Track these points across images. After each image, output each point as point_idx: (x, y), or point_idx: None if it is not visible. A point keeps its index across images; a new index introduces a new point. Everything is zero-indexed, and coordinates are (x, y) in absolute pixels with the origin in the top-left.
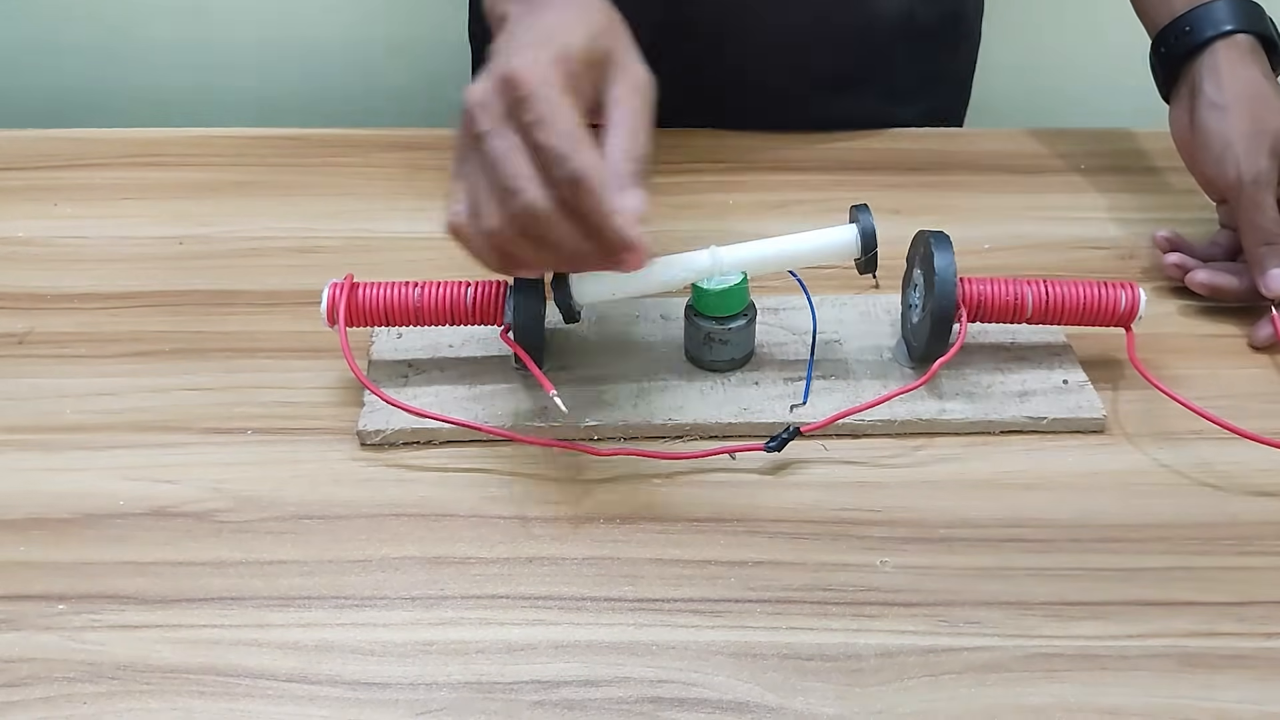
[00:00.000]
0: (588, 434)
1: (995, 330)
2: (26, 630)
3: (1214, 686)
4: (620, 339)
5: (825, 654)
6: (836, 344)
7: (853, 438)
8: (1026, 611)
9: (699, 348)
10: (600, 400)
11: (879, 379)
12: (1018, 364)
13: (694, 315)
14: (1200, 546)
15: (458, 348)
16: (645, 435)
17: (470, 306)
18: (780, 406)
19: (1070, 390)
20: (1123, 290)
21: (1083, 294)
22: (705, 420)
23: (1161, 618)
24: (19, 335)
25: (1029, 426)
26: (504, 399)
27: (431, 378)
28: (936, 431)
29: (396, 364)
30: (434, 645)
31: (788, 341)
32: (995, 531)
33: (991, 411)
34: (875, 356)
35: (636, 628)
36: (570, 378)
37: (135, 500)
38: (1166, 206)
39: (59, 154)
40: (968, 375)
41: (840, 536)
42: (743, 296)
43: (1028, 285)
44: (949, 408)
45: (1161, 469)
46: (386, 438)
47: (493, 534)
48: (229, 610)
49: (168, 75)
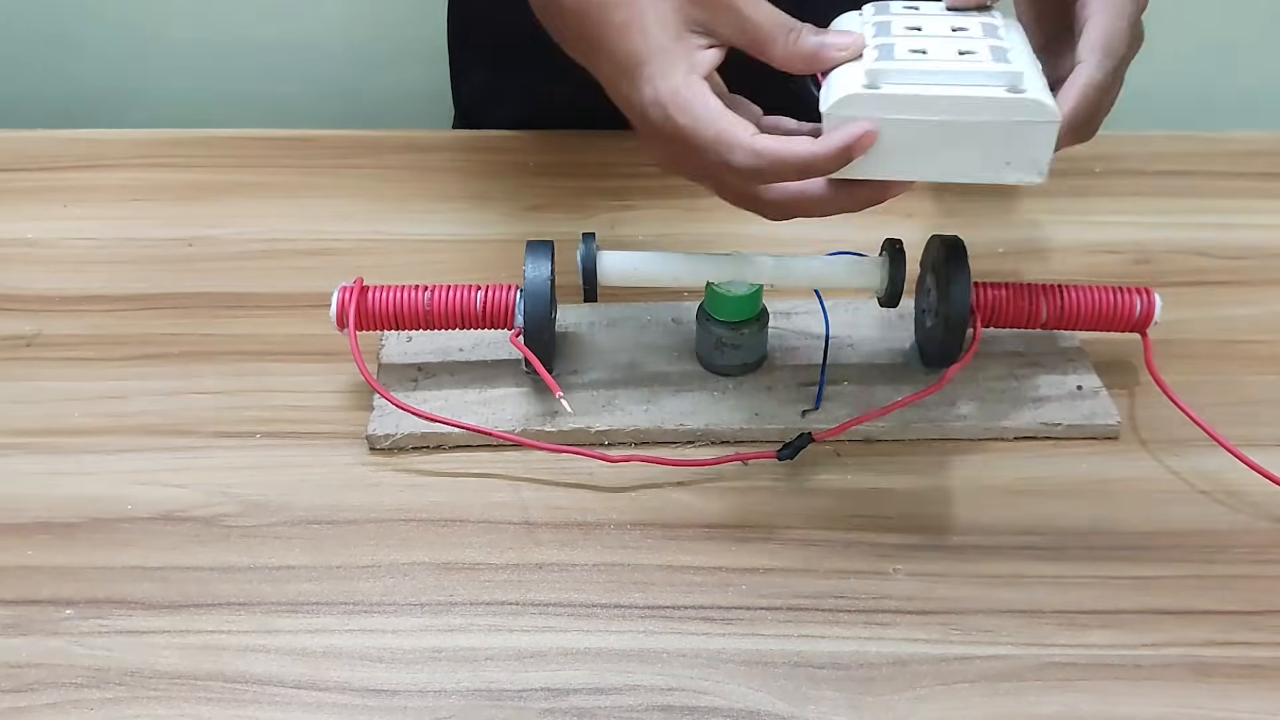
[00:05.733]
0: (598, 439)
1: (1008, 335)
2: (34, 635)
3: (1229, 696)
4: (632, 343)
5: (837, 662)
6: (849, 349)
7: (865, 443)
8: (1040, 620)
9: (711, 352)
10: (611, 405)
11: (892, 384)
12: (1031, 369)
13: (706, 319)
14: (1215, 555)
15: (468, 351)
16: (656, 440)
17: (481, 310)
18: (792, 412)
19: (1085, 396)
20: (1138, 296)
21: (1098, 299)
22: (717, 425)
23: (1176, 627)
24: (27, 337)
25: (1043, 433)
26: (514, 403)
27: (441, 381)
28: (950, 437)
29: (406, 368)
30: (443, 652)
31: (800, 346)
32: (1008, 539)
33: (1005, 417)
34: (888, 361)
35: (647, 635)
36: (581, 382)
37: (143, 504)
38: (1180, 209)
39: (68, 155)
40: (981, 381)
41: (852, 544)
42: (756, 301)
43: (1042, 291)
44: (962, 413)
45: (1176, 477)
46: (396, 442)
47: (502, 540)
48: (237, 616)
49: (177, 77)
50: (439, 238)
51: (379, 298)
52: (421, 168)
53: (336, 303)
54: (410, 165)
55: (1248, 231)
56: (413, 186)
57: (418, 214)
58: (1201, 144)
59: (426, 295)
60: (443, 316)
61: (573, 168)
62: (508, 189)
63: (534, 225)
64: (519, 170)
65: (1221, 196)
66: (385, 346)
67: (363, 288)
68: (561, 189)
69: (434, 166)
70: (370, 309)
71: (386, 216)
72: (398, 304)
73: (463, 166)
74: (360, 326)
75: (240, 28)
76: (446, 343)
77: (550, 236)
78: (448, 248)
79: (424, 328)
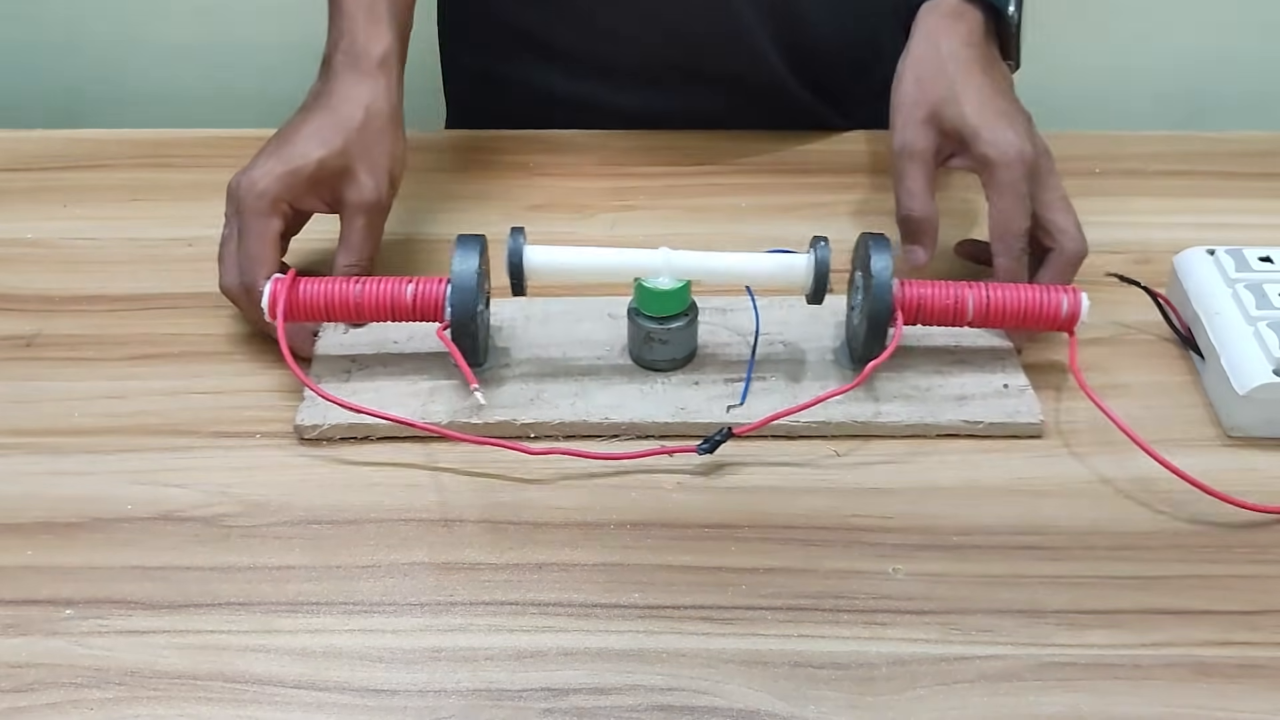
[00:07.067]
0: (524, 432)
1: (941, 333)
2: (33, 635)
3: (1228, 696)
4: (566, 337)
5: (837, 662)
6: (782, 345)
7: (788, 439)
8: (1039, 620)
9: (640, 347)
10: (539, 398)
11: (819, 381)
12: (960, 367)
13: (636, 314)
14: (1215, 555)
15: (403, 344)
16: (582, 434)
17: (411, 303)
18: (718, 407)
19: (1010, 394)
20: (1065, 295)
21: (1024, 298)
22: (642, 419)
23: (1176, 627)
24: (27, 337)
25: (965, 430)
26: (444, 395)
27: (374, 373)
28: (872, 434)
29: (340, 359)
30: (443, 652)
31: (732, 342)
32: (1008, 539)
33: (928, 415)
34: (818, 359)
35: (647, 635)
36: (512, 375)
37: (143, 504)
38: (1180, 209)
39: (68, 155)
40: (908, 378)
41: (852, 543)
42: (684, 297)
43: (969, 289)
44: (885, 410)
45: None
46: (324, 432)
47: (502, 540)
48: (237, 616)
49: (178, 76)
50: (439, 237)
51: (310, 290)
52: (421, 167)
53: (268, 294)
54: (410, 165)
55: (1248, 231)
56: (413, 186)
57: (418, 213)
58: (1201, 144)
59: (358, 288)
60: (373, 309)
61: (573, 168)
62: (508, 189)
63: (534, 225)
64: (519, 170)
65: (1221, 196)
66: (322, 338)
67: (294, 279)
68: (561, 189)
69: (434, 166)
70: (302, 301)
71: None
72: (329, 296)
73: (462, 166)
74: (292, 318)
75: (240, 28)
76: (383, 335)
77: (550, 236)
78: (448, 247)
79: (355, 320)
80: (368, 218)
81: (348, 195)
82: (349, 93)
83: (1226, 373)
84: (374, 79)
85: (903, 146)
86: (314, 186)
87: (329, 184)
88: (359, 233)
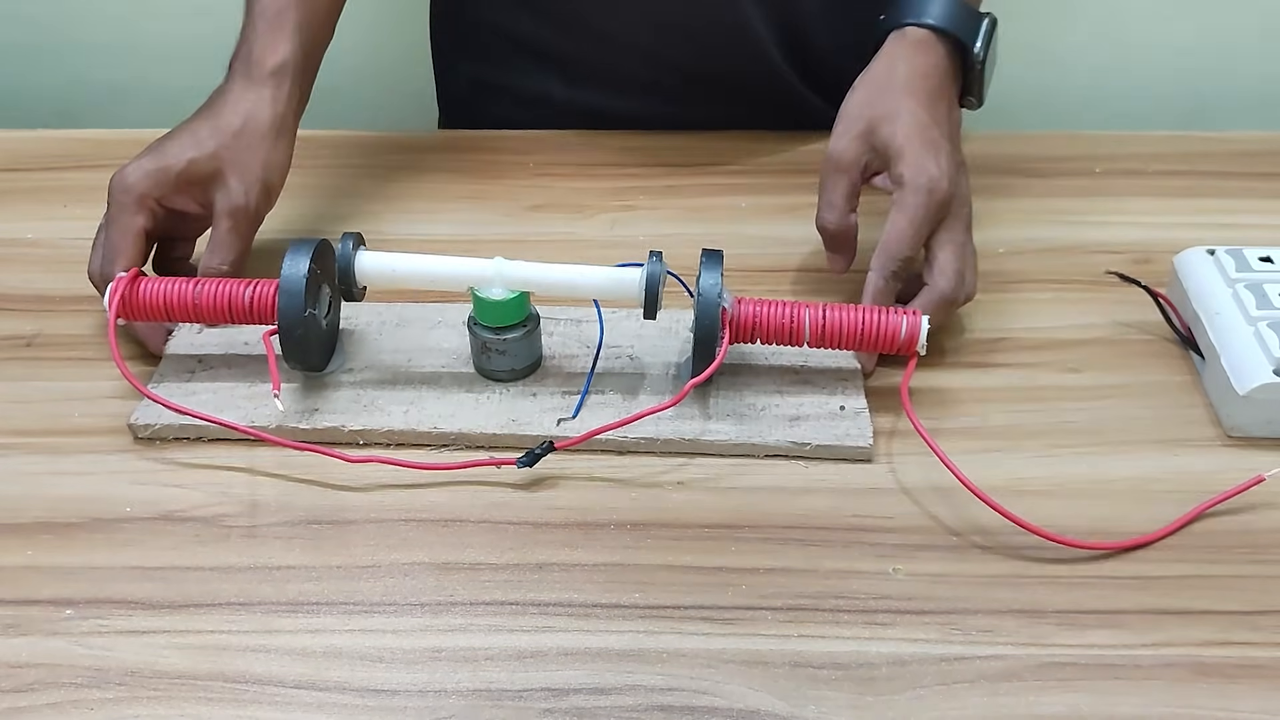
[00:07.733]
0: (352, 439)
1: (791, 353)
2: (34, 635)
3: (1228, 696)
4: (416, 344)
5: (837, 662)
6: (628, 359)
7: (617, 454)
8: (1039, 620)
9: (479, 357)
10: (373, 405)
11: (657, 396)
12: (800, 388)
13: (473, 324)
14: (1215, 555)
15: (253, 345)
16: (411, 443)
17: (248, 306)
18: (550, 420)
19: (844, 417)
20: (904, 317)
21: (862, 319)
22: (471, 430)
23: (1176, 627)
24: (27, 337)
25: (794, 451)
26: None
27: (218, 374)
28: (700, 452)
29: (187, 359)
30: (443, 652)
31: (579, 354)
32: (1008, 539)
33: (757, 435)
34: (661, 373)
35: (647, 635)
36: (352, 380)
37: (143, 505)
38: (1180, 209)
39: (68, 155)
40: (745, 396)
41: (852, 544)
42: (521, 308)
43: (806, 308)
44: (713, 428)
45: (1173, 478)
46: (156, 432)
47: (502, 540)
48: (237, 616)
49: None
50: (439, 238)
51: (150, 290)
52: (421, 168)
53: (109, 291)
54: (410, 165)
55: (1248, 231)
56: (413, 186)
57: (418, 214)
58: (1201, 144)
59: (195, 289)
60: (211, 310)
61: (573, 168)
62: (507, 189)
63: (534, 225)
64: (519, 170)
65: (1221, 196)
66: (175, 337)
67: (135, 279)
68: (561, 189)
69: (433, 166)
70: (141, 300)
71: (387, 216)
72: (168, 296)
73: (462, 166)
74: (130, 317)
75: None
76: (234, 336)
77: (550, 236)
78: (448, 248)
79: (194, 321)
80: (233, 221)
81: (216, 199)
82: (235, 100)
83: (1226, 373)
84: (261, 88)
85: (831, 156)
86: (184, 186)
87: (200, 185)
88: (224, 235)
